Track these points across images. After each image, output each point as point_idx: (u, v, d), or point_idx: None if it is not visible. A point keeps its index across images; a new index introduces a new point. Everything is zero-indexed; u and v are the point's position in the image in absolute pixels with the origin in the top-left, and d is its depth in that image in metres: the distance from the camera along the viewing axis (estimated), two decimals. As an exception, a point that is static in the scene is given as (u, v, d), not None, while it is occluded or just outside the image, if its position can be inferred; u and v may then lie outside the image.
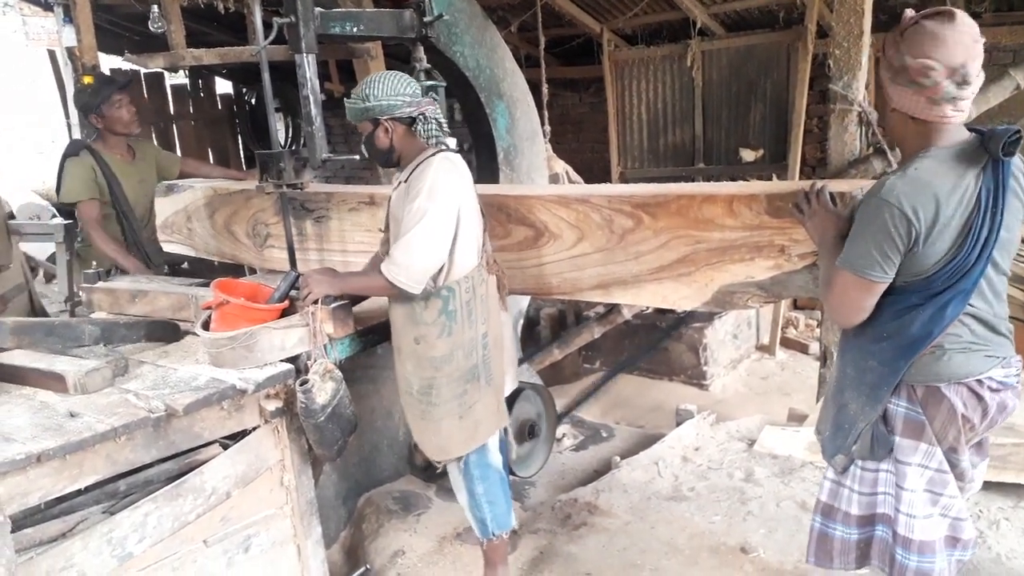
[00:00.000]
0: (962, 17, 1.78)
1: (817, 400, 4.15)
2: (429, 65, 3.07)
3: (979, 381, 1.92)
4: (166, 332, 2.78)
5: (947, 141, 1.84)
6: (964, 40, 1.77)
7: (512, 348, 2.89)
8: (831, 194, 2.15)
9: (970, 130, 1.87)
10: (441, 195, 2.39)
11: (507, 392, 2.82)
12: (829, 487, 2.16)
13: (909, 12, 1.85)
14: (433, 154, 2.48)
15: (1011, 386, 1.96)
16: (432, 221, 2.38)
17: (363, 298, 2.88)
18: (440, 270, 2.48)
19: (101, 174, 3.81)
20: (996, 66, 5.50)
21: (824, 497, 2.17)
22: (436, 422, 2.59)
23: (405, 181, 2.50)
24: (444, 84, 3.11)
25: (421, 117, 2.45)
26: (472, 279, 2.52)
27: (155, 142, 7.44)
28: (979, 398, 1.93)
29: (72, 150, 3.80)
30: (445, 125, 2.53)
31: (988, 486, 3.05)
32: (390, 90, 2.42)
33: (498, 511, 2.72)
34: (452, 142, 2.57)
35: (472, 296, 2.53)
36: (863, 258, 1.87)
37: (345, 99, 2.50)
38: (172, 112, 7.65)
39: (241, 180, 4.04)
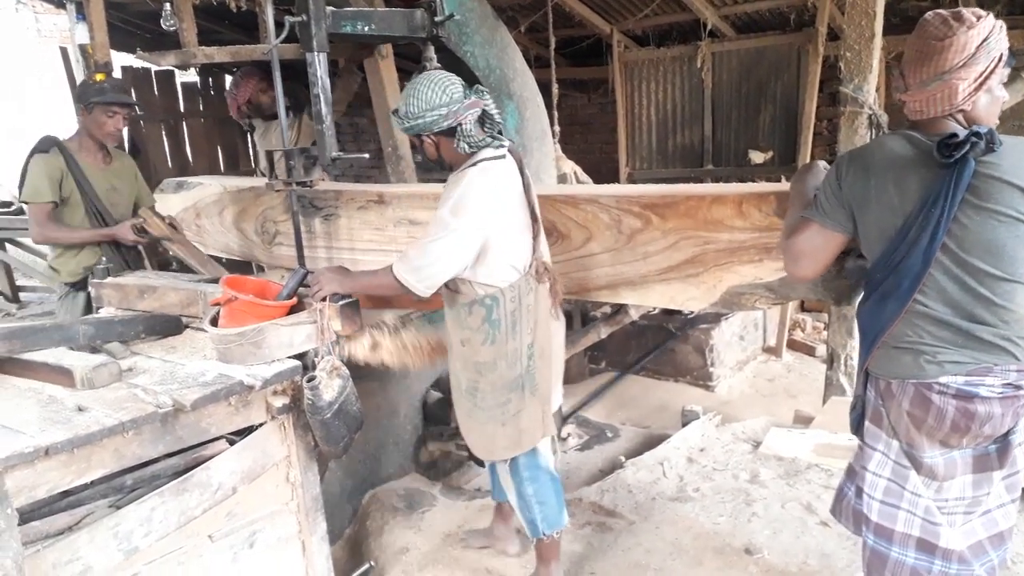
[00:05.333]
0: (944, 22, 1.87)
1: (823, 403, 4.13)
2: (439, 65, 3.07)
3: (927, 385, 1.90)
4: (167, 325, 2.78)
5: (922, 132, 1.90)
6: (933, 44, 1.87)
7: (560, 360, 2.81)
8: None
9: (972, 132, 1.82)
10: (467, 212, 2.37)
11: (555, 406, 2.77)
12: (856, 451, 2.22)
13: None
14: (474, 164, 2.45)
15: (980, 396, 1.87)
16: (452, 236, 2.36)
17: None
18: (475, 278, 2.46)
19: (70, 175, 3.59)
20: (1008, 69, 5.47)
21: (851, 459, 2.24)
22: (481, 424, 2.61)
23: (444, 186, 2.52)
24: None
25: (459, 128, 2.41)
26: (518, 288, 2.49)
27: (164, 141, 7.49)
28: (927, 402, 1.91)
29: (42, 146, 3.57)
30: (492, 124, 2.48)
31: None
32: (425, 105, 2.38)
33: (549, 511, 2.70)
34: (500, 148, 2.50)
35: (518, 306, 2.49)
36: (815, 206, 2.04)
37: (392, 114, 2.51)
38: (183, 110, 7.67)
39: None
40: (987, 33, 1.82)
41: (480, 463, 3.52)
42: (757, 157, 6.55)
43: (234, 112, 4.74)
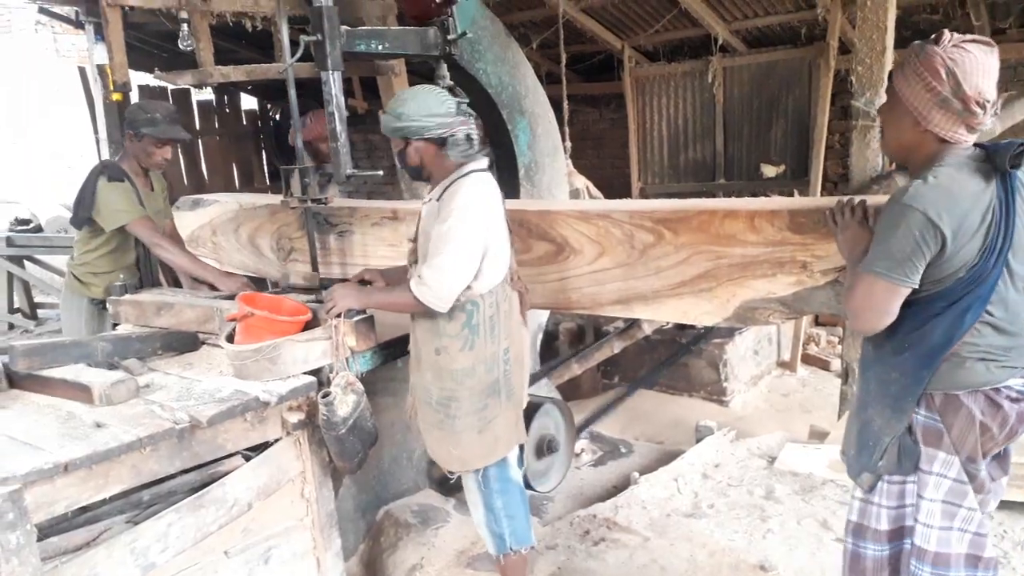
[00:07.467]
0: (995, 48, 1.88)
1: (839, 417, 4.11)
2: (452, 82, 3.10)
3: (996, 390, 1.92)
4: (183, 342, 2.80)
5: (958, 155, 1.89)
6: (997, 71, 1.87)
7: (528, 365, 2.86)
8: (866, 208, 2.12)
9: (975, 146, 1.92)
10: (472, 218, 2.40)
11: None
12: (858, 506, 2.14)
13: (949, 34, 1.86)
14: (465, 174, 2.49)
15: None
16: (462, 244, 2.39)
17: None
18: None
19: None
20: (1021, 82, 5.46)
21: (854, 517, 2.16)
22: (456, 434, 2.57)
23: (437, 199, 2.50)
24: (467, 100, 3.13)
25: (451, 138, 2.46)
26: (496, 294, 2.53)
27: (180, 159, 7.58)
28: (997, 407, 1.92)
29: (114, 174, 3.59)
30: (477, 143, 2.53)
31: (1013, 506, 3.01)
32: (422, 110, 2.43)
33: (517, 525, 2.68)
34: (484, 161, 2.55)
35: (496, 311, 2.53)
36: (888, 261, 1.86)
37: (380, 112, 2.54)
38: (198, 128, 7.77)
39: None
40: None
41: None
42: (769, 171, 6.55)
43: (292, 137, 4.71)
